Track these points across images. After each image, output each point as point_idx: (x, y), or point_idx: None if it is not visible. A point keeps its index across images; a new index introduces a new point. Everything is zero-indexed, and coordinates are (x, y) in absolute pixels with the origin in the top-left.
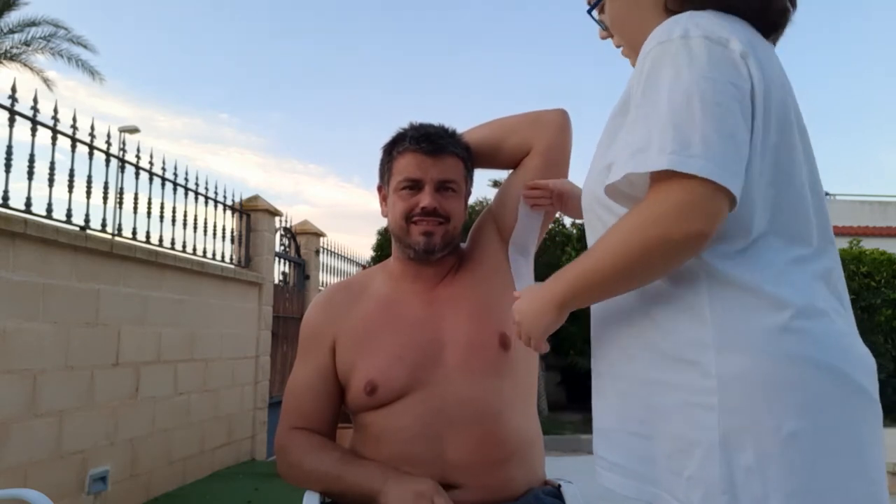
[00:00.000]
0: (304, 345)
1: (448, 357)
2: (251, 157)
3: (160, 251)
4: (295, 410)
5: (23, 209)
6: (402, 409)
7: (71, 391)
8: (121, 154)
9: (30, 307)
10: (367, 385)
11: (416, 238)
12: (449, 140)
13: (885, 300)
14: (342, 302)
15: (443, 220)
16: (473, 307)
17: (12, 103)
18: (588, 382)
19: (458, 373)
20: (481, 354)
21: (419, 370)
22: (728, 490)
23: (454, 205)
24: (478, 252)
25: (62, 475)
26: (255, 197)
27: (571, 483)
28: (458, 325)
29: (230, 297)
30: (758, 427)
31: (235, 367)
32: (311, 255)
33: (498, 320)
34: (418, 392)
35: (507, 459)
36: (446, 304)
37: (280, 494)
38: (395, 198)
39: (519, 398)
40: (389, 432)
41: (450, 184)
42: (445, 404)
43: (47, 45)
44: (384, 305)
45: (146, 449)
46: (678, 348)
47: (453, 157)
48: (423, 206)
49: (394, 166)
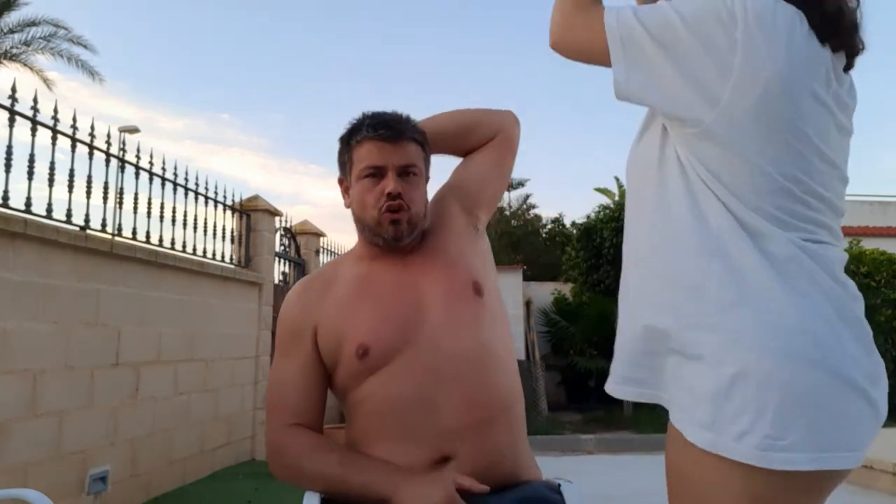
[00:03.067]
0: (283, 341)
1: (431, 312)
2: (252, 157)
3: (160, 251)
4: (284, 407)
5: (23, 209)
6: (398, 370)
7: (71, 391)
8: (121, 154)
9: (30, 307)
10: (358, 348)
11: (385, 227)
12: (406, 126)
13: (885, 300)
14: (317, 291)
15: (406, 207)
16: (443, 261)
17: (12, 103)
18: (588, 382)
19: (443, 327)
20: (459, 304)
21: (407, 327)
22: (712, 399)
23: (416, 190)
24: (441, 220)
25: (62, 475)
26: (255, 197)
27: (571, 483)
28: (433, 280)
29: (230, 297)
30: (745, 349)
31: (235, 367)
32: (311, 255)
33: (468, 269)
34: (409, 350)
35: (494, 419)
36: (419, 267)
37: (280, 494)
38: (359, 187)
39: (500, 347)
40: (383, 403)
41: (411, 168)
42: (437, 360)
43: (47, 45)
44: (360, 282)
45: (146, 449)
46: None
47: (412, 143)
48: (388, 192)
49: (354, 155)
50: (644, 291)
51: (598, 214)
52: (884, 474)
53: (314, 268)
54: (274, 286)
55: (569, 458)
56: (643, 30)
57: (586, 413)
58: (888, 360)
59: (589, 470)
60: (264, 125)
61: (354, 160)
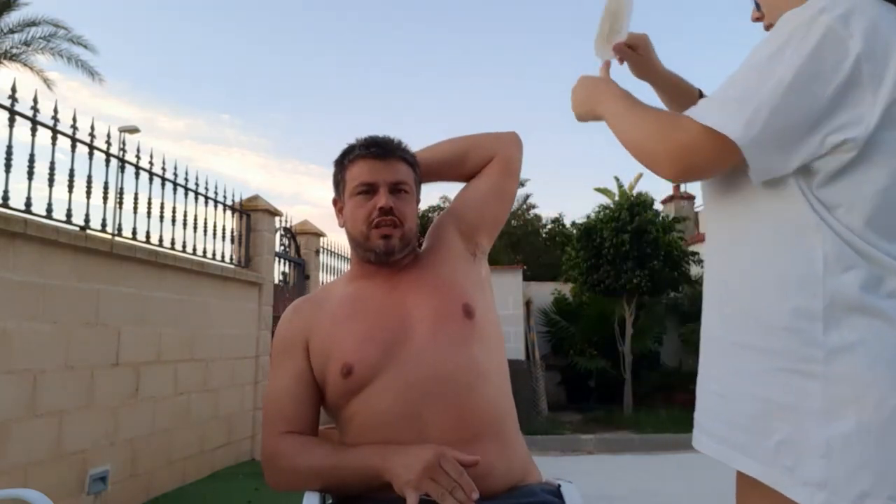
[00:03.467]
0: (277, 355)
1: (417, 332)
2: (253, 157)
3: (160, 251)
4: (278, 416)
5: (23, 209)
6: (381, 388)
7: (71, 391)
8: (121, 154)
9: (30, 307)
10: (343, 368)
11: (375, 242)
12: (396, 146)
13: None
14: (309, 309)
15: (398, 223)
16: (435, 282)
17: (12, 103)
18: (588, 382)
19: (428, 346)
20: (447, 325)
21: (391, 346)
22: (826, 455)
23: (408, 207)
24: (437, 243)
25: (62, 475)
26: (255, 197)
27: (571, 483)
28: (422, 300)
29: (230, 297)
30: (862, 398)
31: (235, 367)
32: (311, 255)
33: (460, 292)
34: (393, 368)
35: (481, 434)
36: (409, 286)
37: (280, 495)
38: (352, 204)
39: (490, 369)
40: (372, 418)
41: (402, 185)
42: (421, 377)
43: (47, 45)
44: (349, 301)
45: (146, 449)
46: (779, 316)
47: (402, 162)
48: (379, 207)
49: (347, 175)
50: (742, 340)
51: (598, 214)
52: None
53: (314, 268)
54: (274, 286)
55: (569, 458)
56: (777, 120)
57: (586, 413)
58: None
59: (589, 470)
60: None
61: (347, 179)
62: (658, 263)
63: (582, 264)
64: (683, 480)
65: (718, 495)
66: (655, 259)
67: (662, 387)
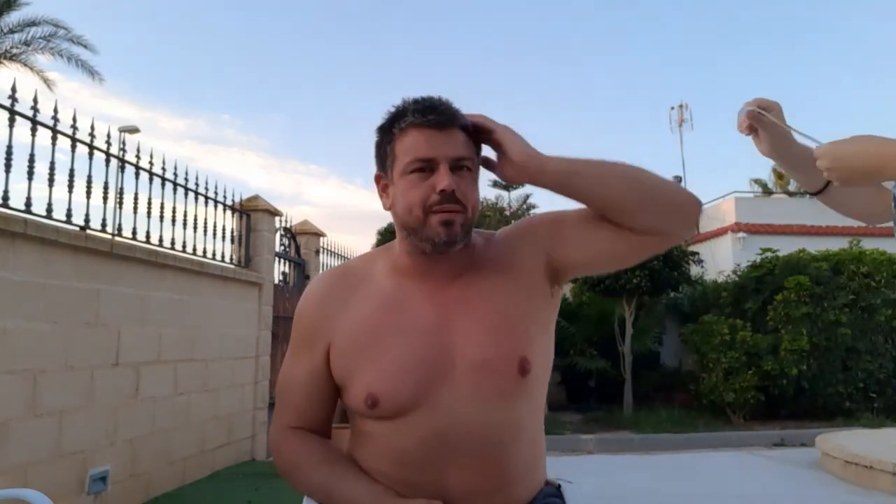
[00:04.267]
0: (297, 339)
1: (458, 375)
2: (253, 157)
3: (160, 251)
4: (289, 408)
5: (23, 209)
6: (406, 426)
7: (71, 391)
8: (121, 154)
9: (30, 307)
10: (367, 398)
11: (434, 229)
12: (457, 112)
13: (885, 300)
14: (339, 297)
15: (461, 208)
16: (493, 320)
17: (12, 103)
18: (588, 382)
19: (467, 395)
20: (496, 379)
21: (425, 385)
22: None
23: (470, 188)
24: (511, 259)
25: (62, 475)
26: (255, 197)
27: (571, 483)
28: (472, 338)
29: (230, 297)
30: None
31: (235, 367)
32: (311, 255)
33: (522, 342)
34: (423, 410)
35: (511, 483)
36: (460, 310)
37: (280, 494)
38: (405, 184)
39: (530, 422)
40: (390, 452)
41: (465, 161)
42: (451, 428)
43: (47, 45)
44: (388, 305)
45: (146, 449)
46: None
47: (463, 132)
48: (440, 189)
49: (397, 147)
50: None
51: None
52: (884, 474)
53: (314, 268)
54: (274, 286)
55: (569, 458)
56: None
57: (586, 413)
58: (888, 359)
59: (589, 470)
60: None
61: (398, 153)
62: (658, 263)
63: None
64: (683, 480)
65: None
66: (655, 259)
67: (662, 387)
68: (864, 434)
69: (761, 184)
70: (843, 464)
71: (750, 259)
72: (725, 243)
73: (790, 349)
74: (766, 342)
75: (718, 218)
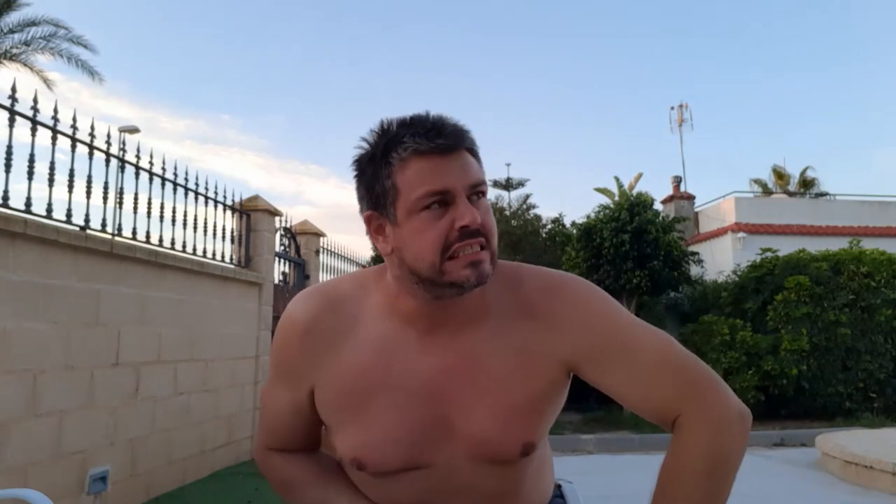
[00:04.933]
0: (278, 370)
1: (454, 446)
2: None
3: (160, 251)
4: (272, 433)
5: (23, 209)
6: (396, 481)
7: (71, 391)
8: (121, 154)
9: (30, 307)
10: (353, 461)
11: (460, 274)
12: (463, 131)
13: (885, 300)
14: (326, 334)
15: (486, 243)
16: (499, 399)
17: (12, 103)
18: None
19: (463, 464)
20: (495, 454)
21: (416, 454)
22: None
23: (491, 218)
24: (542, 324)
25: (62, 475)
26: (255, 197)
27: (571, 483)
28: (473, 416)
29: (230, 297)
30: None
31: (235, 367)
32: (311, 255)
33: (526, 426)
34: (415, 473)
35: None
36: (463, 379)
37: None
38: (417, 224)
39: (531, 476)
40: (378, 496)
41: (481, 187)
42: (445, 486)
43: (47, 45)
44: (380, 355)
45: (146, 449)
46: None
47: (471, 154)
48: (463, 225)
49: (398, 180)
50: None
51: (598, 214)
52: (884, 474)
53: (314, 268)
54: (274, 286)
55: (569, 458)
56: None
57: (586, 413)
58: (888, 359)
59: (589, 470)
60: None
61: (401, 187)
62: (658, 263)
63: (582, 264)
64: None
65: None
66: (655, 259)
67: None
68: (864, 434)
69: (761, 184)
70: (842, 464)
71: (750, 259)
72: (725, 243)
73: (790, 349)
74: (766, 342)
75: (718, 218)
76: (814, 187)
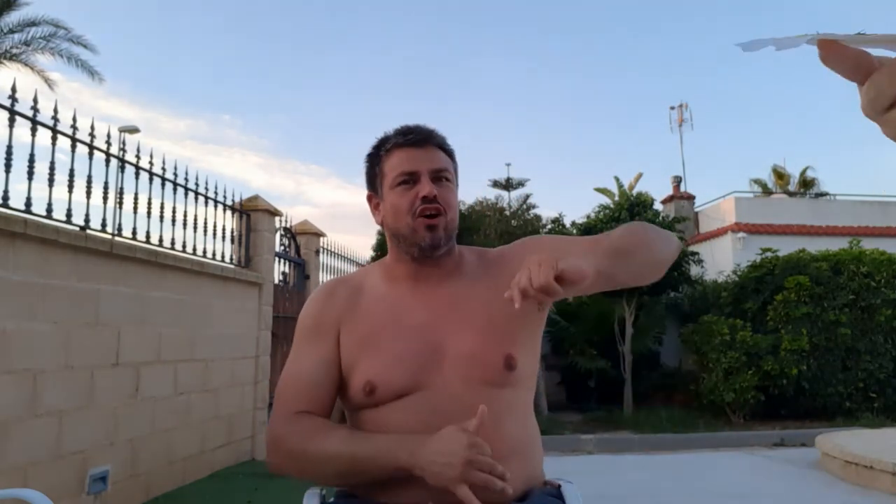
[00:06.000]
0: (305, 335)
1: (448, 366)
2: (253, 158)
3: (160, 251)
4: (295, 397)
5: (23, 209)
6: (402, 407)
7: (71, 391)
8: (121, 154)
9: (30, 307)
10: (365, 385)
11: (421, 234)
12: (433, 133)
13: (885, 300)
14: (344, 295)
15: (442, 211)
16: (480, 320)
17: (12, 103)
18: (588, 382)
19: (457, 381)
20: (483, 370)
21: (418, 372)
22: None
23: (451, 195)
24: (501, 268)
25: (62, 475)
26: (255, 197)
27: (571, 483)
28: (461, 335)
29: (230, 297)
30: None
31: (235, 367)
32: (311, 255)
33: (509, 341)
34: (417, 393)
35: (506, 457)
36: (450, 311)
37: (280, 494)
38: (393, 196)
39: (518, 408)
40: (387, 429)
41: (444, 173)
42: (446, 404)
43: (47, 44)
44: (385, 306)
45: (146, 449)
46: None
47: (441, 150)
48: (423, 195)
49: (384, 167)
50: None
51: (598, 214)
52: (884, 474)
53: (314, 268)
54: (274, 286)
55: (569, 458)
56: None
57: (586, 413)
58: (888, 359)
59: (589, 470)
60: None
61: (385, 171)
62: None
63: None
64: (683, 480)
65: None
66: None
67: (662, 387)
68: (864, 434)
69: (761, 184)
70: (843, 464)
71: (750, 259)
72: (725, 243)
73: (790, 349)
74: (766, 342)
75: (718, 218)
76: (814, 187)
